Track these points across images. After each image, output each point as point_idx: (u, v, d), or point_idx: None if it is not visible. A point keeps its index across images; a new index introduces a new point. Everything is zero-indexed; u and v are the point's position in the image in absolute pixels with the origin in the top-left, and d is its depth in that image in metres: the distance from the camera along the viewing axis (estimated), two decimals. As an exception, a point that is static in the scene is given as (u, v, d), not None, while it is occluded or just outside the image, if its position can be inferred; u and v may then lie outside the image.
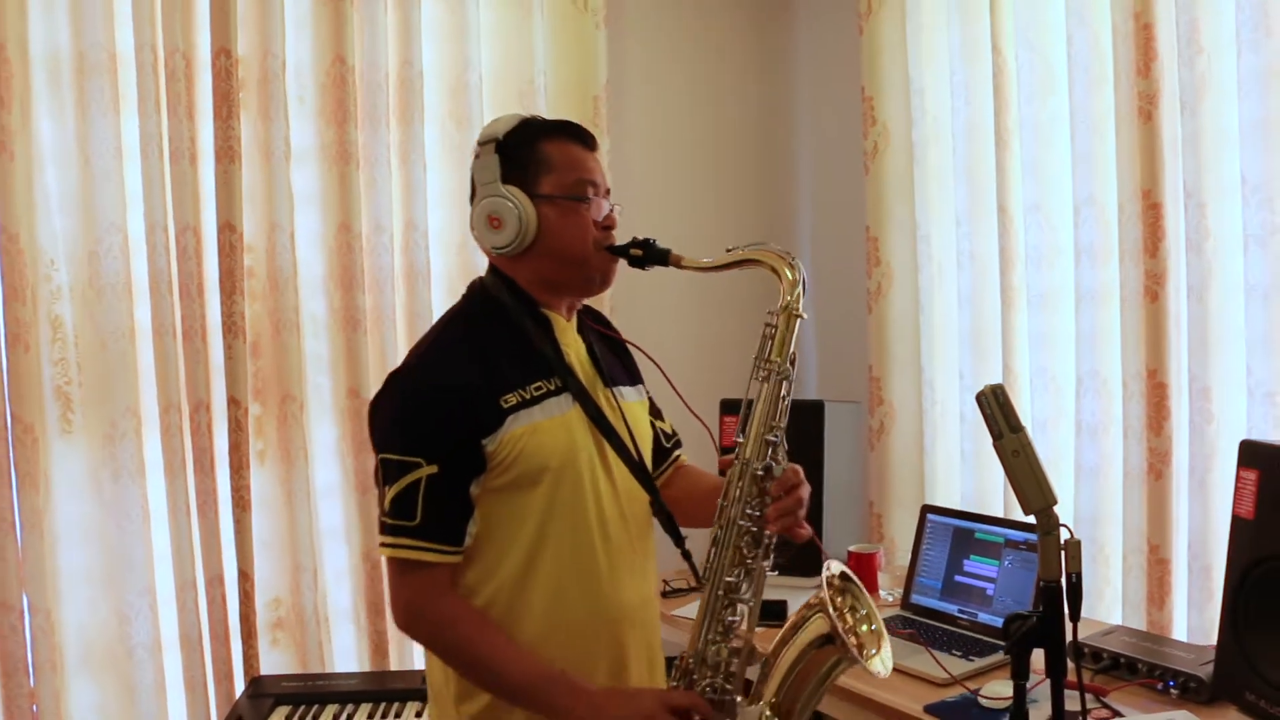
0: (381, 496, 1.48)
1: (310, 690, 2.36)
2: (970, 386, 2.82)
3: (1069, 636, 1.30)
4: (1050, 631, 1.29)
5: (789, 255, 1.54)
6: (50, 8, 2.38)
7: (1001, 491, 2.74)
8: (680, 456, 1.81)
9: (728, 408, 2.75)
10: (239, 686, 2.58)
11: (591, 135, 1.60)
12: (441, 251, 2.87)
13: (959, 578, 2.39)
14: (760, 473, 1.49)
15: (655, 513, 1.62)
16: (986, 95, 2.71)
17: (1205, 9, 2.19)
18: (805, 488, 1.49)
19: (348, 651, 2.78)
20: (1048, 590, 1.29)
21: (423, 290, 2.81)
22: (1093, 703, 1.87)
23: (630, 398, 1.68)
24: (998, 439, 1.33)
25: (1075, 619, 1.30)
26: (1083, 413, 2.50)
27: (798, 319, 1.52)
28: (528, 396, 1.49)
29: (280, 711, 2.29)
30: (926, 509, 2.56)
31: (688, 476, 1.79)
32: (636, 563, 1.59)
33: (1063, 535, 1.29)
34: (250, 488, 2.60)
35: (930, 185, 2.94)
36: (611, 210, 1.59)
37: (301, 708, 2.30)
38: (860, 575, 1.53)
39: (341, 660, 2.76)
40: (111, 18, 2.43)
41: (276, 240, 2.62)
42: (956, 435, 2.91)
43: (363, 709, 2.31)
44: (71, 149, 2.41)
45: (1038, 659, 1.32)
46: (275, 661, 2.67)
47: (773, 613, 2.05)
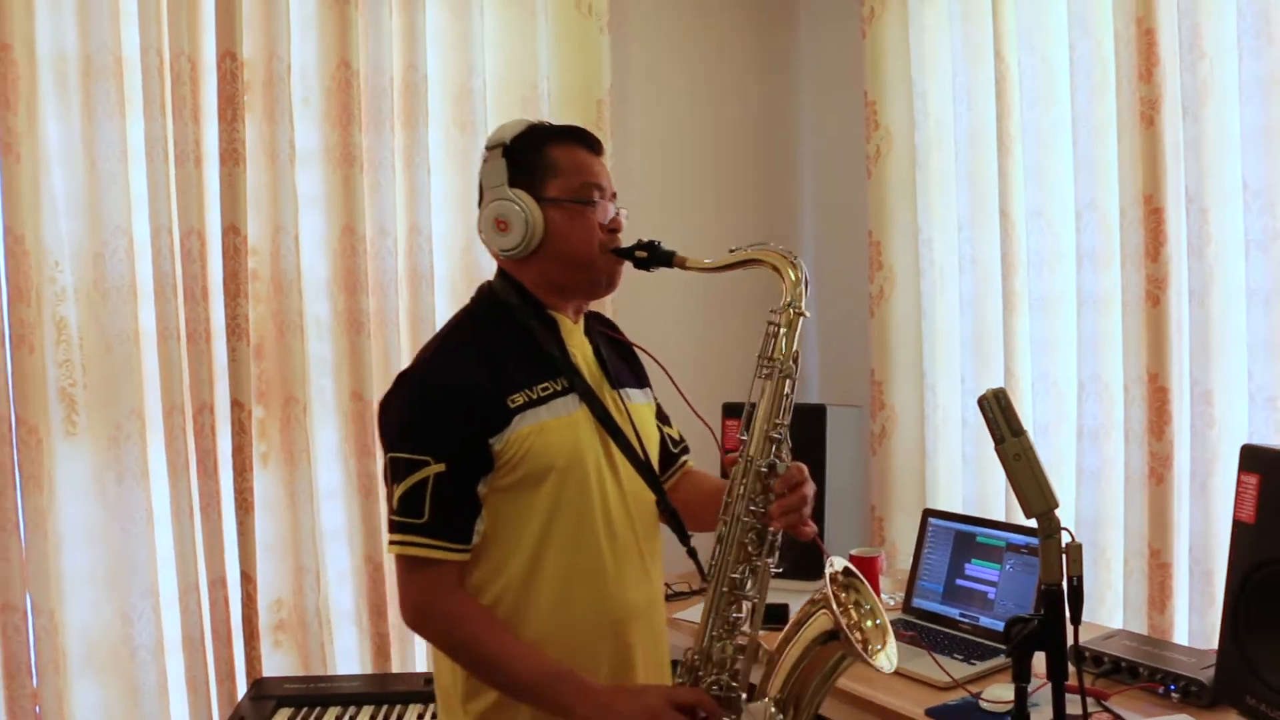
0: (390, 495, 1.50)
1: (312, 692, 2.36)
2: (972, 391, 2.82)
3: (1070, 640, 1.30)
4: (1051, 635, 1.29)
5: (791, 254, 1.55)
6: (57, 10, 2.39)
7: (1003, 496, 2.74)
8: (687, 462, 1.82)
9: (730, 411, 2.75)
10: (241, 688, 2.59)
11: (598, 140, 1.62)
12: (445, 255, 2.88)
13: (960, 582, 2.40)
14: (764, 469, 1.50)
15: (661, 511, 1.63)
16: (989, 100, 2.71)
17: (1207, 15, 2.19)
18: (810, 486, 1.50)
19: (350, 653, 2.78)
20: (1049, 593, 1.29)
21: (426, 293, 2.82)
22: (1094, 706, 1.87)
23: (637, 400, 1.69)
24: (999, 443, 1.33)
25: (1076, 622, 1.29)
26: (1084, 417, 2.50)
27: (801, 317, 1.52)
28: (534, 397, 1.51)
29: (282, 713, 2.28)
30: (928, 513, 2.56)
31: (695, 481, 1.80)
32: (643, 563, 1.60)
33: (1064, 539, 1.29)
34: (253, 490, 2.61)
35: (932, 189, 2.95)
36: (617, 214, 1.60)
37: (303, 709, 2.30)
38: (862, 579, 1.54)
39: (343, 662, 2.76)
40: (117, 21, 2.44)
41: (280, 243, 2.63)
42: (958, 439, 2.91)
43: (365, 711, 2.31)
44: (77, 151, 2.42)
45: (1039, 663, 1.32)
46: (277, 663, 2.68)
47: (774, 616, 2.05)
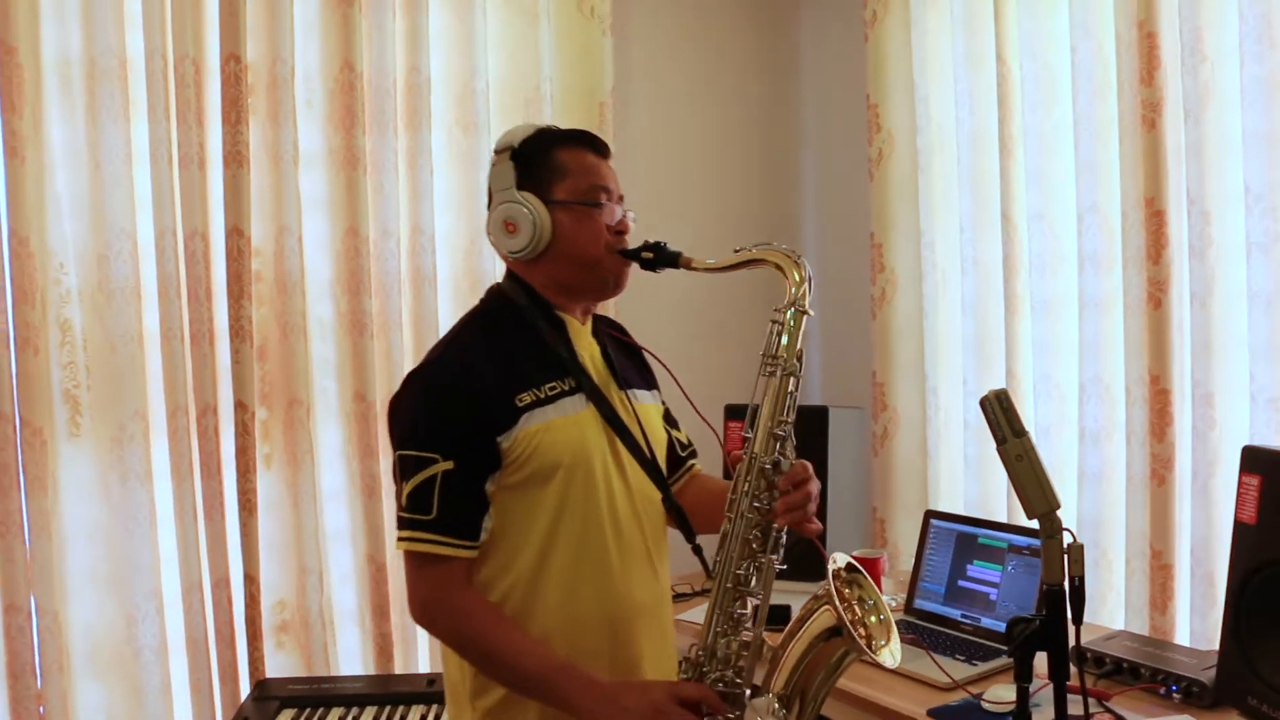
0: (399, 492, 1.52)
1: (315, 693, 2.36)
2: (974, 392, 2.82)
3: (1071, 641, 1.30)
4: (1053, 635, 1.30)
5: (795, 254, 1.55)
6: (62, 14, 2.40)
7: (1004, 497, 2.74)
8: (695, 466, 1.83)
9: (732, 413, 2.76)
10: (244, 689, 2.59)
11: (605, 144, 1.64)
12: (448, 256, 2.89)
13: (962, 583, 2.40)
14: (769, 466, 1.50)
15: (667, 509, 1.64)
16: (991, 103, 2.72)
17: (1208, 18, 2.20)
18: (814, 483, 1.51)
19: (353, 654, 2.78)
20: (1051, 594, 1.30)
21: (429, 295, 2.82)
22: (1095, 707, 1.87)
23: (645, 401, 1.70)
24: (1001, 444, 1.34)
25: (1078, 623, 1.30)
26: (1086, 419, 2.50)
27: (804, 315, 1.53)
28: (542, 395, 1.52)
29: (285, 714, 2.29)
30: (930, 514, 2.57)
31: (702, 484, 1.81)
32: (650, 562, 1.61)
33: (1066, 539, 1.30)
34: (256, 491, 2.61)
35: (934, 192, 2.95)
36: (624, 216, 1.62)
37: (307, 710, 2.30)
38: (864, 580, 1.54)
39: (346, 663, 2.76)
40: (122, 24, 2.45)
41: (284, 245, 2.63)
42: (960, 441, 2.91)
43: (368, 712, 2.31)
44: (82, 154, 2.43)
45: (1040, 663, 1.33)
46: (280, 664, 2.68)
47: (777, 616, 2.05)
